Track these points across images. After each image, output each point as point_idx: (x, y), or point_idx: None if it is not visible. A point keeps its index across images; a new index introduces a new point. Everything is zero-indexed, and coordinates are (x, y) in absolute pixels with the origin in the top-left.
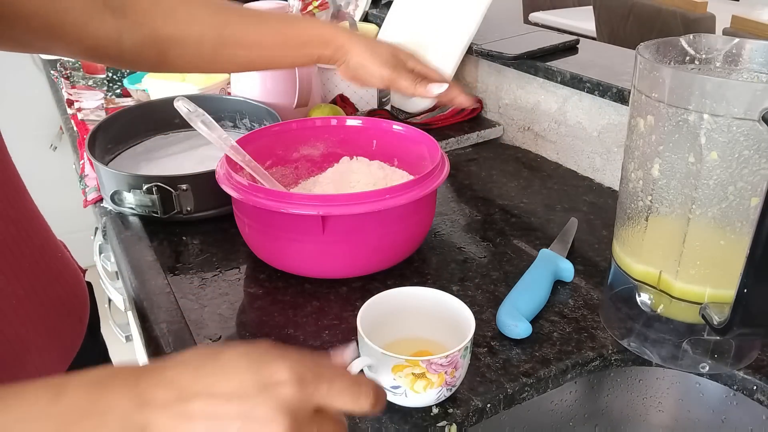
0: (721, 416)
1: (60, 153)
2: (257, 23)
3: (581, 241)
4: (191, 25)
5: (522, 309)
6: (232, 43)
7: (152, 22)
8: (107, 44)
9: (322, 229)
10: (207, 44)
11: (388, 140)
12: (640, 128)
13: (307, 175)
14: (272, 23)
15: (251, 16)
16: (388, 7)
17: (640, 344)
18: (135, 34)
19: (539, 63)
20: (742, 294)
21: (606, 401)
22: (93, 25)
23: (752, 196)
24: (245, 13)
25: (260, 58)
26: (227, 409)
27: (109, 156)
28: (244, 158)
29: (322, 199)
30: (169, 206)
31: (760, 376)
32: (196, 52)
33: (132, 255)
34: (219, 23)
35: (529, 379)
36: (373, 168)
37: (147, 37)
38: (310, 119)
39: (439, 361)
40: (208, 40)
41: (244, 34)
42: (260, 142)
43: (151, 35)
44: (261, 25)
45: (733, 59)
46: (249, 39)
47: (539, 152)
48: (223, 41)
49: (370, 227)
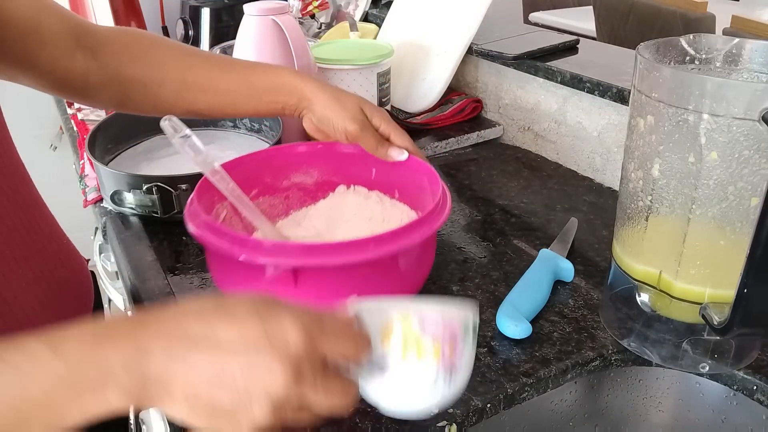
0: (721, 416)
1: (60, 153)
2: (222, 69)
3: (581, 241)
4: (155, 68)
5: (522, 309)
6: (194, 88)
7: (118, 64)
8: (74, 80)
9: (295, 282)
10: (168, 87)
11: (389, 169)
12: (640, 128)
13: (299, 206)
14: (237, 70)
15: (216, 62)
16: (388, 7)
17: (640, 344)
18: (101, 74)
19: (539, 63)
20: (742, 294)
21: (606, 401)
22: (64, 62)
23: (752, 196)
24: (211, 59)
25: (223, 104)
26: (230, 357)
27: (109, 156)
28: (227, 186)
29: (292, 249)
30: (169, 206)
31: (760, 376)
32: (157, 94)
33: (132, 255)
34: (182, 67)
35: (529, 379)
36: (371, 201)
37: (112, 78)
38: (302, 144)
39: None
40: (170, 83)
41: (206, 80)
42: (247, 167)
43: (116, 76)
44: (225, 71)
45: (733, 59)
46: (212, 85)
47: (539, 152)
48: (185, 85)
49: (351, 282)
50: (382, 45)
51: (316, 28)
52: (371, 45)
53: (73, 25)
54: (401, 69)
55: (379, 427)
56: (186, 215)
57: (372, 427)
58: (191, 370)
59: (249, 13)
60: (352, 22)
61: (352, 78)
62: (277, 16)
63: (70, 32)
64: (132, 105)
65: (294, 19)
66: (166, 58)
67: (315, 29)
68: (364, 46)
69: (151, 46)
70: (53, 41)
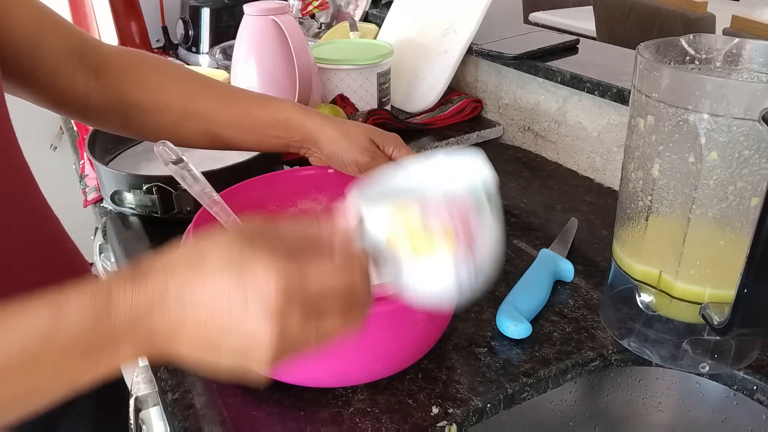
0: (721, 416)
1: (60, 153)
2: (225, 100)
3: (581, 241)
4: (157, 94)
5: (522, 309)
6: (195, 117)
7: (120, 87)
8: (74, 99)
9: None
10: (170, 115)
11: None
12: (640, 128)
13: None
14: (240, 101)
15: (219, 92)
16: (388, 7)
17: (640, 344)
18: (101, 95)
19: (539, 63)
20: (742, 294)
21: (606, 401)
22: (64, 80)
23: (752, 196)
24: (214, 89)
25: (224, 136)
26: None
27: (109, 156)
28: (228, 218)
29: None
30: (169, 206)
31: (760, 376)
32: (158, 121)
33: (132, 255)
34: (185, 95)
35: (529, 379)
36: None
37: (113, 101)
38: (309, 168)
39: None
40: (172, 110)
41: (209, 110)
42: (250, 193)
43: (117, 99)
44: (228, 102)
45: (733, 59)
46: (214, 115)
47: (539, 152)
48: (187, 114)
49: (364, 332)
50: (382, 45)
51: (316, 28)
52: (371, 45)
53: (76, 42)
54: (401, 69)
55: (380, 427)
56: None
57: (372, 427)
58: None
59: (249, 13)
60: (352, 22)
61: (352, 78)
62: (277, 16)
63: (72, 51)
64: (133, 129)
65: (294, 19)
66: (169, 84)
67: (315, 29)
68: (364, 46)
69: (155, 69)
70: (53, 60)
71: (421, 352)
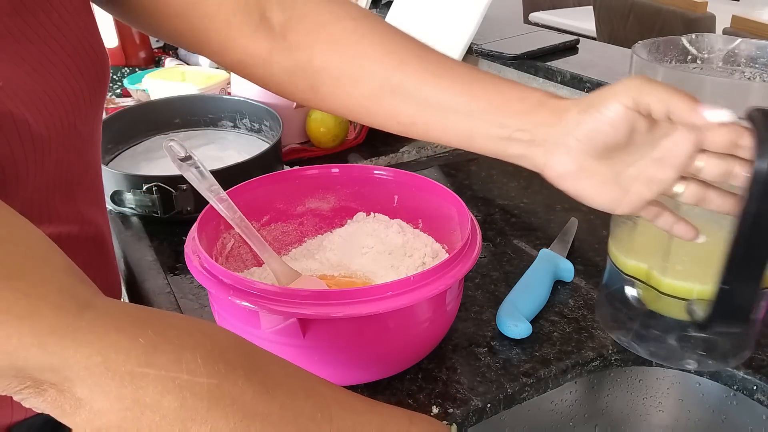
0: (721, 416)
1: None
2: (436, 73)
3: (581, 241)
4: (351, 60)
5: (522, 309)
6: (399, 93)
7: (309, 48)
8: (254, 63)
9: (302, 332)
10: (366, 87)
11: (412, 196)
12: None
13: (314, 233)
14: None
15: (433, 62)
16: (388, 7)
17: (632, 341)
18: (287, 59)
19: (539, 63)
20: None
21: (606, 401)
22: (241, 40)
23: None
24: (427, 57)
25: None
26: None
27: (109, 156)
28: (234, 215)
29: (298, 296)
30: (169, 206)
31: (760, 376)
32: (350, 93)
33: (132, 255)
34: (389, 64)
35: (529, 379)
36: (392, 232)
37: (298, 66)
38: (316, 167)
39: None
40: (369, 82)
41: (416, 85)
42: (257, 192)
43: (303, 64)
44: (440, 75)
45: (734, 59)
46: (422, 93)
47: None
48: (389, 88)
49: (365, 332)
50: None
51: None
52: None
53: None
54: None
55: None
56: (186, 252)
57: None
58: None
59: None
60: None
61: None
62: None
63: (250, 5)
64: (319, 100)
65: None
66: (366, 48)
67: None
68: None
69: (354, 29)
70: (225, 16)
71: (424, 353)
